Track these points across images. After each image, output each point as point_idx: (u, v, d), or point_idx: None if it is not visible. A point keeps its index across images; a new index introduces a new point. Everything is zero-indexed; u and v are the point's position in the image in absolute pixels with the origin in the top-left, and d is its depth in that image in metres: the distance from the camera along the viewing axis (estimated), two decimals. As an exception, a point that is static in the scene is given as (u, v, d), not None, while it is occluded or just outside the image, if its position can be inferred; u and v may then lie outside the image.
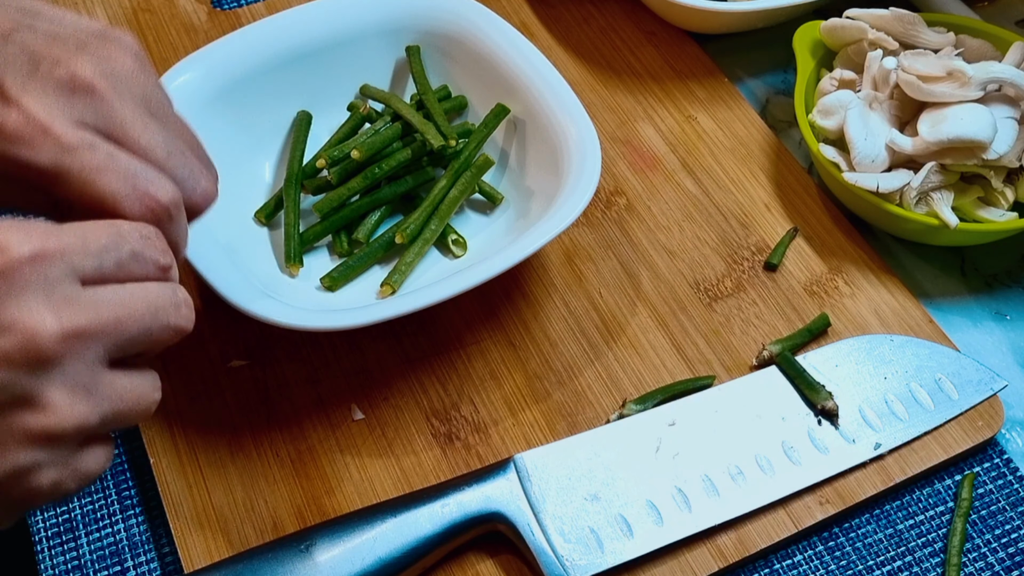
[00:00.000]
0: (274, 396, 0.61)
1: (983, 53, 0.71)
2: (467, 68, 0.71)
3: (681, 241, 0.69)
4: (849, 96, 0.68)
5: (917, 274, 0.69)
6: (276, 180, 0.69)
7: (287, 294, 0.61)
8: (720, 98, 0.77)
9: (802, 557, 0.57)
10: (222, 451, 0.59)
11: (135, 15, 0.80)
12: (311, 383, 0.62)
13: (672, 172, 0.73)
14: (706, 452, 0.58)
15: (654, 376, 0.63)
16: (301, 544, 0.52)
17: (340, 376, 0.62)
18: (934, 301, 0.68)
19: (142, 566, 0.56)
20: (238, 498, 0.57)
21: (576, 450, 0.58)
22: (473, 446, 0.60)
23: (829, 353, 0.63)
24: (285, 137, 0.70)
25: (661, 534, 0.55)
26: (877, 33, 0.70)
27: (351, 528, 0.53)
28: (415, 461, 0.59)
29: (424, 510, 0.54)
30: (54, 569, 0.56)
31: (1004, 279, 0.69)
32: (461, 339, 0.64)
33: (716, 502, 0.56)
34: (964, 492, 0.59)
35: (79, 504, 0.58)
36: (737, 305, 0.66)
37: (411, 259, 0.63)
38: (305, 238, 0.65)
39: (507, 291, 0.66)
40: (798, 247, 0.69)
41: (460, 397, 0.61)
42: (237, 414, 0.60)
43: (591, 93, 0.77)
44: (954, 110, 0.65)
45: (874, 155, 0.66)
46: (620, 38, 0.81)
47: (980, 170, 0.65)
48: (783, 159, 0.73)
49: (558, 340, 0.64)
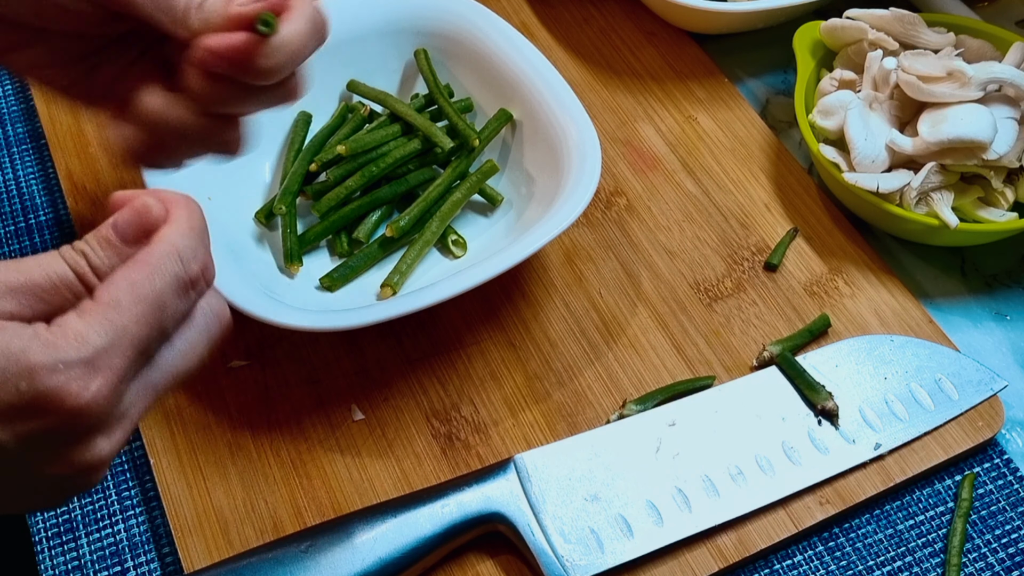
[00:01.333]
0: (274, 396, 0.61)
1: (983, 53, 0.71)
2: (468, 69, 0.71)
3: (681, 241, 0.69)
4: (849, 96, 0.68)
5: (917, 274, 0.69)
6: (275, 180, 0.69)
7: (287, 294, 0.61)
8: (720, 98, 0.77)
9: (802, 557, 0.57)
10: (222, 451, 0.59)
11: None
12: (311, 383, 0.62)
13: (672, 172, 0.73)
14: (706, 452, 0.58)
15: (654, 376, 0.63)
16: (301, 544, 0.52)
17: (340, 376, 0.62)
18: (934, 301, 0.68)
19: (142, 566, 0.56)
20: (238, 498, 0.57)
21: (576, 451, 0.57)
22: (473, 446, 0.59)
23: (829, 353, 0.63)
24: (285, 137, 0.70)
25: (661, 534, 0.55)
26: (877, 33, 0.70)
27: (351, 528, 0.53)
28: (415, 461, 0.59)
29: (424, 510, 0.53)
30: (54, 569, 0.56)
31: (1004, 279, 0.69)
32: (461, 339, 0.64)
33: (716, 502, 0.56)
34: (964, 492, 0.59)
35: (79, 504, 0.58)
36: (737, 305, 0.66)
37: (411, 260, 0.63)
38: (305, 239, 0.65)
39: (507, 291, 0.66)
40: (798, 247, 0.69)
41: (460, 397, 0.61)
42: (237, 414, 0.60)
43: (591, 93, 0.77)
44: (954, 110, 0.65)
45: (874, 155, 0.66)
46: (620, 38, 0.81)
47: (980, 170, 0.65)
48: (783, 159, 0.73)
49: (558, 340, 0.64)
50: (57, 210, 0.72)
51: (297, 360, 0.62)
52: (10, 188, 0.72)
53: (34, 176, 0.73)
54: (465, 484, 0.55)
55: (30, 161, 0.74)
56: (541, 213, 0.63)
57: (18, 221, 0.71)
